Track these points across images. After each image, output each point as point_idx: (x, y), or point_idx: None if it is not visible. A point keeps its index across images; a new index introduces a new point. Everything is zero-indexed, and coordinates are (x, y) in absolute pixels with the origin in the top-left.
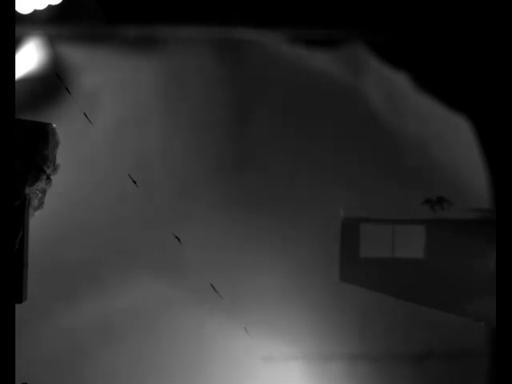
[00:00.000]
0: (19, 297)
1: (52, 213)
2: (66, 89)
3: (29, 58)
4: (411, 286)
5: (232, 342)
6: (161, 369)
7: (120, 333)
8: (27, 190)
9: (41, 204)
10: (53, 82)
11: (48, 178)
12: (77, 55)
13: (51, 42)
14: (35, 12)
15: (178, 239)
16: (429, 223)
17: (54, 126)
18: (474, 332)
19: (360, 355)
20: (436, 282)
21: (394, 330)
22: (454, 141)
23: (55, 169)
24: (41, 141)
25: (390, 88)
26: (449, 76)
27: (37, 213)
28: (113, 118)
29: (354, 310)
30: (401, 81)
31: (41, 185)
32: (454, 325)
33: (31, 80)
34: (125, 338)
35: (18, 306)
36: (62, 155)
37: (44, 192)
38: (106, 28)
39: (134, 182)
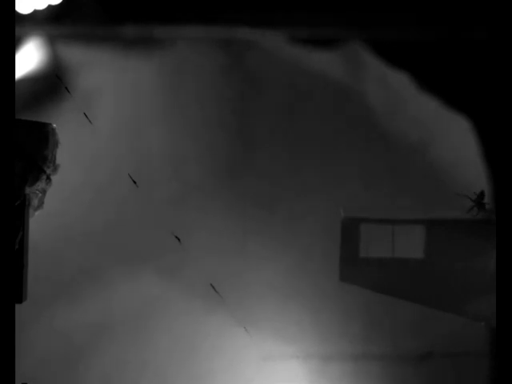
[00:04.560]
0: (19, 297)
1: (52, 213)
2: (66, 89)
3: (29, 57)
4: (411, 286)
5: (231, 340)
6: (159, 368)
7: (119, 332)
8: (27, 190)
9: (41, 204)
10: (53, 81)
11: (48, 178)
12: (77, 55)
13: (51, 41)
14: (35, 12)
15: (178, 239)
16: (429, 223)
17: (54, 126)
18: (473, 332)
19: (360, 355)
20: (436, 282)
21: (393, 330)
22: (454, 141)
23: (55, 169)
24: (41, 141)
25: (389, 88)
26: (449, 76)
27: (37, 213)
28: (113, 118)
29: (353, 310)
30: (401, 80)
31: (41, 185)
32: (454, 325)
33: (31, 80)
34: (124, 337)
35: (17, 306)
36: (62, 155)
37: (44, 192)
38: (106, 28)
39: (134, 182)
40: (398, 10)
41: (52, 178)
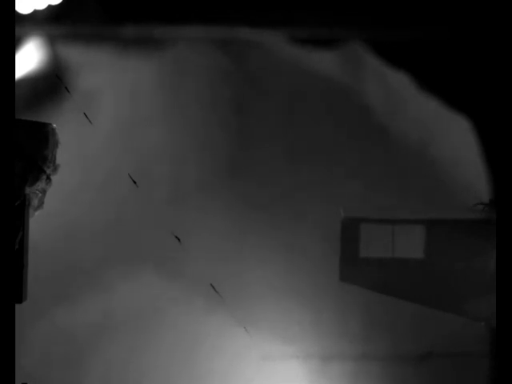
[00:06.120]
0: (19, 297)
1: (52, 213)
2: (66, 89)
3: (29, 57)
4: (411, 286)
5: (231, 340)
6: (159, 367)
7: (119, 332)
8: (27, 190)
9: (41, 204)
10: (53, 81)
11: (48, 178)
12: (77, 55)
13: (51, 41)
14: (35, 12)
15: (178, 239)
16: (429, 223)
17: (54, 126)
18: (473, 332)
19: (359, 355)
20: (436, 282)
21: (393, 330)
22: (454, 141)
23: (55, 169)
24: (41, 141)
25: (389, 88)
26: (449, 76)
27: (37, 213)
28: (113, 117)
29: (353, 310)
30: (401, 80)
31: (41, 185)
32: (454, 325)
33: (31, 80)
34: (123, 337)
35: (17, 306)
36: (61, 155)
37: (44, 192)
38: (106, 28)
39: (134, 182)
40: (398, 10)
41: (52, 177)
